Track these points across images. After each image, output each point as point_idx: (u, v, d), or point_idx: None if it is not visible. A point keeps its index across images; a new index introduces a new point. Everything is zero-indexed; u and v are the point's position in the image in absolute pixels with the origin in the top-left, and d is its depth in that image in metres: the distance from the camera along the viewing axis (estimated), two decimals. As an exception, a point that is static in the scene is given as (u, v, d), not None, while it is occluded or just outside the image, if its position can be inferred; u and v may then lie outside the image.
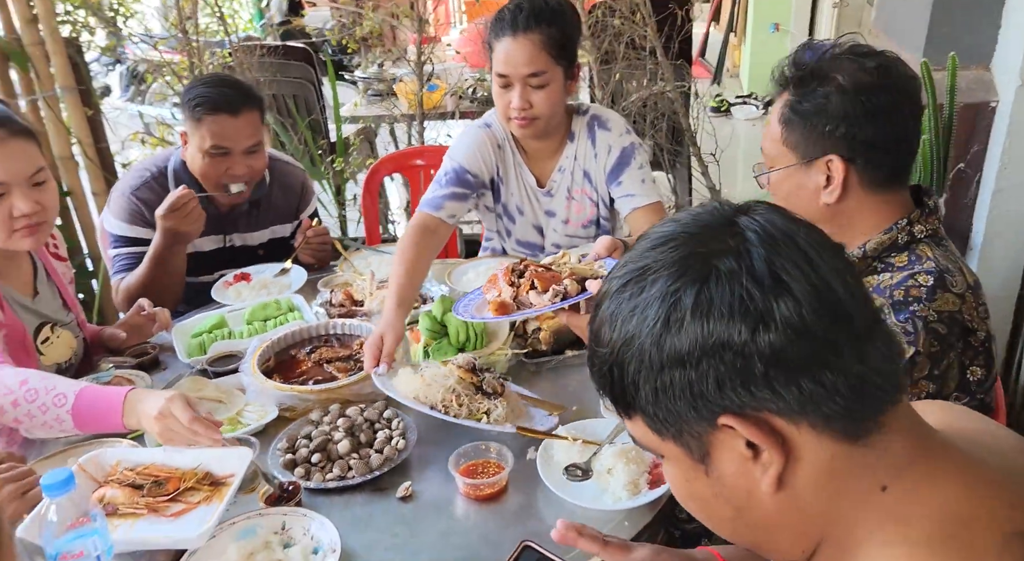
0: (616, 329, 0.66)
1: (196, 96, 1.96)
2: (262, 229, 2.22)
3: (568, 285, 1.36)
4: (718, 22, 7.79)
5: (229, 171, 2.01)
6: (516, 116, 1.84)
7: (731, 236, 0.64)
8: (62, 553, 1.03)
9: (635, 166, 1.94)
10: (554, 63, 1.80)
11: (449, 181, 1.94)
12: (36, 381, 1.36)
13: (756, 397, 0.61)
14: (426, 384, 1.46)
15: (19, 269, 1.66)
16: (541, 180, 2.04)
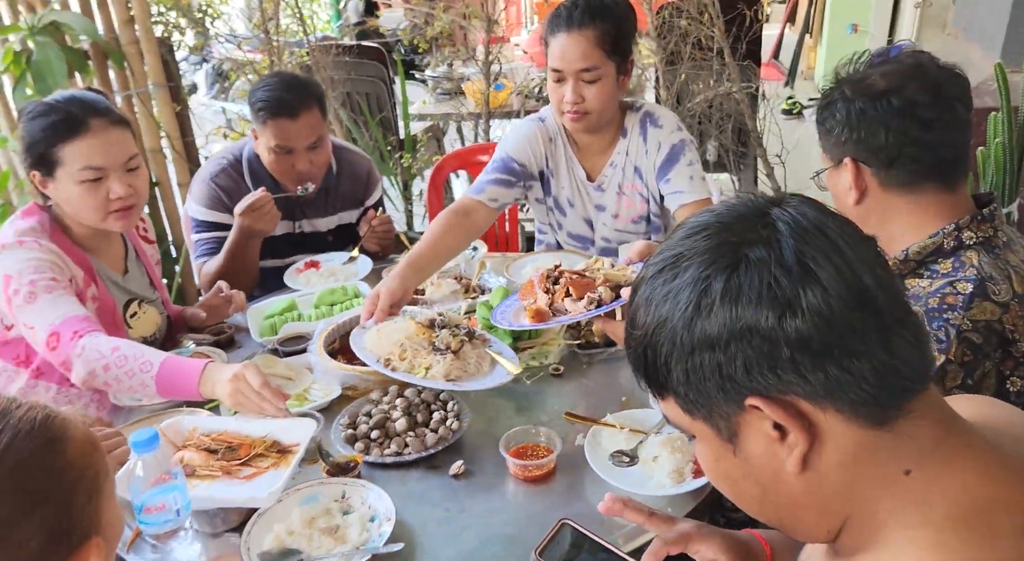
0: (650, 313, 0.70)
1: (258, 100, 2.08)
2: (330, 215, 2.33)
3: (603, 292, 1.41)
4: (793, 23, 7.62)
5: (294, 167, 2.12)
6: (569, 110, 1.89)
7: (763, 226, 0.67)
8: (147, 506, 1.14)
9: (684, 163, 1.96)
10: (607, 58, 1.85)
11: (495, 168, 2.04)
12: (126, 348, 1.48)
13: (783, 380, 0.64)
14: (380, 337, 1.55)
15: (112, 248, 1.81)
16: (592, 174, 2.09)
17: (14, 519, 0.70)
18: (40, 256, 1.58)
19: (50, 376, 1.70)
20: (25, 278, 1.54)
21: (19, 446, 0.72)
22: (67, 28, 3.00)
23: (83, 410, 1.40)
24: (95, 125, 1.61)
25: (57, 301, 1.53)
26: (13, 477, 0.71)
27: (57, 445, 0.75)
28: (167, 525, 1.15)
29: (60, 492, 0.74)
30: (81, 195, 1.62)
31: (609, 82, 1.88)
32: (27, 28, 2.92)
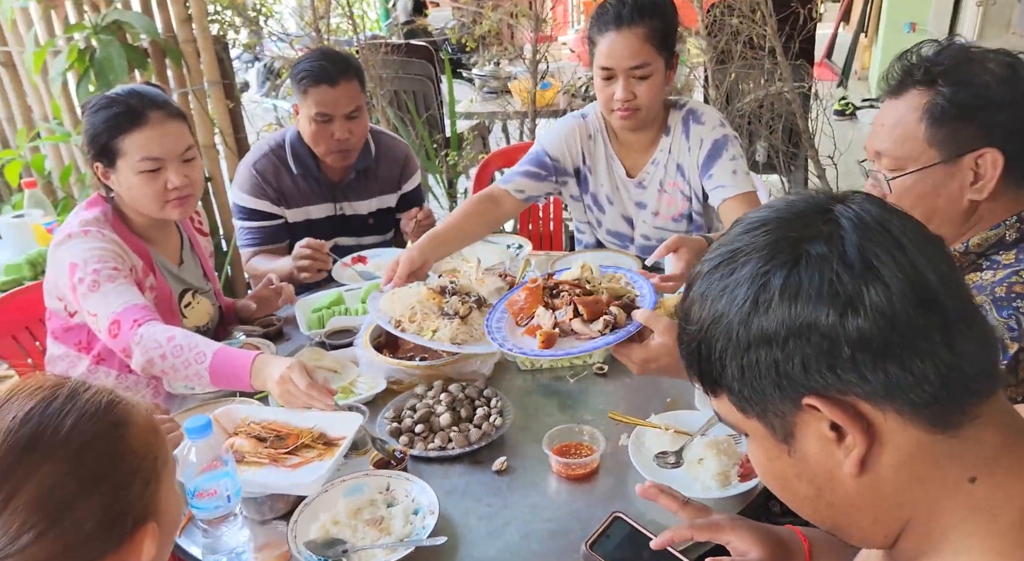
0: (706, 308, 0.69)
1: (300, 70, 2.16)
2: (369, 198, 2.38)
3: (616, 313, 1.37)
4: (848, 21, 7.45)
5: (333, 135, 2.18)
6: (619, 108, 1.89)
7: (824, 222, 0.66)
8: (199, 490, 1.16)
9: (726, 157, 1.94)
10: (657, 54, 1.85)
11: (527, 161, 2.07)
12: (181, 338, 1.52)
13: (842, 380, 0.63)
14: (395, 300, 1.65)
15: (169, 239, 1.86)
16: (632, 171, 2.08)
17: (74, 499, 0.72)
18: (103, 246, 1.64)
19: (110, 362, 1.76)
20: (89, 267, 1.59)
21: (83, 428, 0.74)
22: (128, 27, 3.10)
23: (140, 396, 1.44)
24: (154, 117, 1.66)
25: (118, 290, 1.58)
26: (76, 458, 0.73)
27: (120, 429, 0.77)
28: (218, 510, 1.18)
29: (119, 476, 0.76)
30: (140, 185, 1.67)
31: (659, 78, 1.89)
32: (91, 27, 3.02)
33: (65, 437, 0.73)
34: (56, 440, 0.72)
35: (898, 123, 1.21)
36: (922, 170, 1.21)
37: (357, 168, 2.32)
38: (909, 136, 1.21)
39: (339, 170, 2.31)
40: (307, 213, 2.30)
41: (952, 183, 1.19)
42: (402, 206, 2.43)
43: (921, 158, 1.21)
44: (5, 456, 0.71)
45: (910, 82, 1.20)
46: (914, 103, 1.19)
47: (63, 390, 0.77)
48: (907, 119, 1.20)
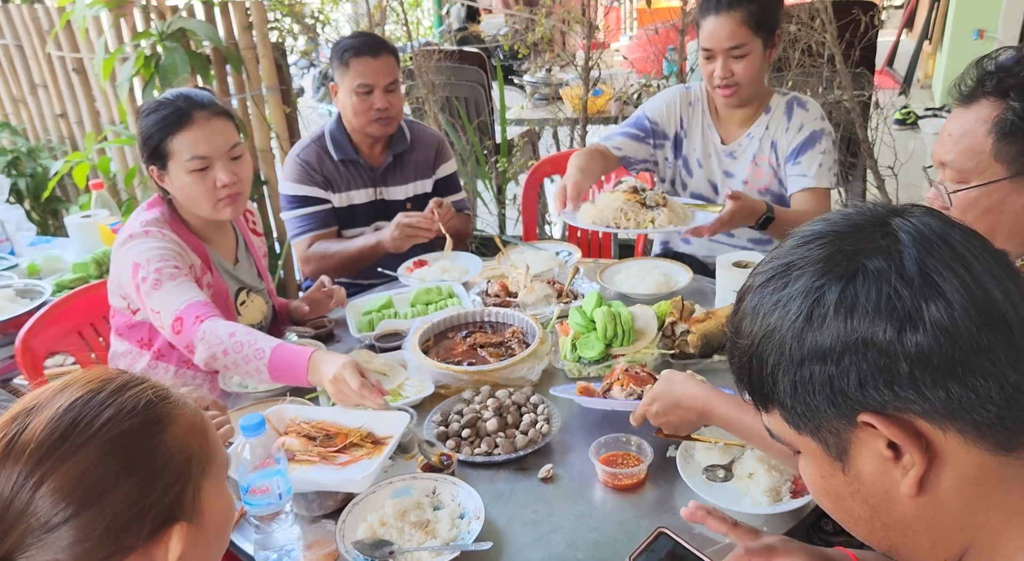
0: (757, 322, 0.68)
1: (343, 46, 2.29)
2: (406, 183, 2.47)
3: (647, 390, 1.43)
4: (911, 28, 7.25)
5: (373, 105, 2.26)
6: (720, 85, 2.04)
7: (883, 236, 0.64)
8: (252, 487, 1.19)
9: (818, 149, 2.07)
10: (753, 35, 1.99)
11: (629, 124, 2.27)
12: (242, 334, 1.56)
13: (900, 397, 0.61)
14: (599, 210, 1.88)
15: (225, 239, 1.91)
16: (726, 140, 2.21)
17: (102, 488, 0.74)
18: (164, 245, 1.69)
19: (169, 358, 1.81)
20: (152, 266, 1.65)
21: (118, 421, 0.77)
22: (192, 34, 3.20)
23: (199, 392, 1.48)
24: (198, 116, 1.71)
25: (180, 287, 1.63)
26: (108, 449, 0.75)
27: (156, 427, 0.79)
28: (270, 507, 1.20)
29: (149, 471, 0.77)
30: (191, 184, 1.72)
31: (756, 57, 2.02)
32: (157, 34, 3.13)
33: (99, 428, 0.76)
34: (91, 430, 0.75)
35: (965, 134, 1.17)
36: (986, 185, 1.17)
37: (394, 153, 2.41)
38: (975, 149, 1.17)
39: (377, 154, 2.41)
40: (350, 198, 2.38)
41: (1018, 200, 1.16)
42: (438, 191, 2.52)
43: (986, 172, 1.17)
44: (44, 441, 0.74)
45: (981, 92, 1.16)
46: (984, 115, 1.16)
47: (112, 384, 0.80)
48: (975, 131, 1.16)
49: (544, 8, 3.61)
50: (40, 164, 3.76)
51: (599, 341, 1.71)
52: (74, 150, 3.88)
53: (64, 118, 3.92)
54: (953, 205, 1.21)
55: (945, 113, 5.81)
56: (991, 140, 1.15)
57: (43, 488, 0.72)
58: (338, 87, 2.32)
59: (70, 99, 3.83)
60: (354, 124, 2.33)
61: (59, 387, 0.79)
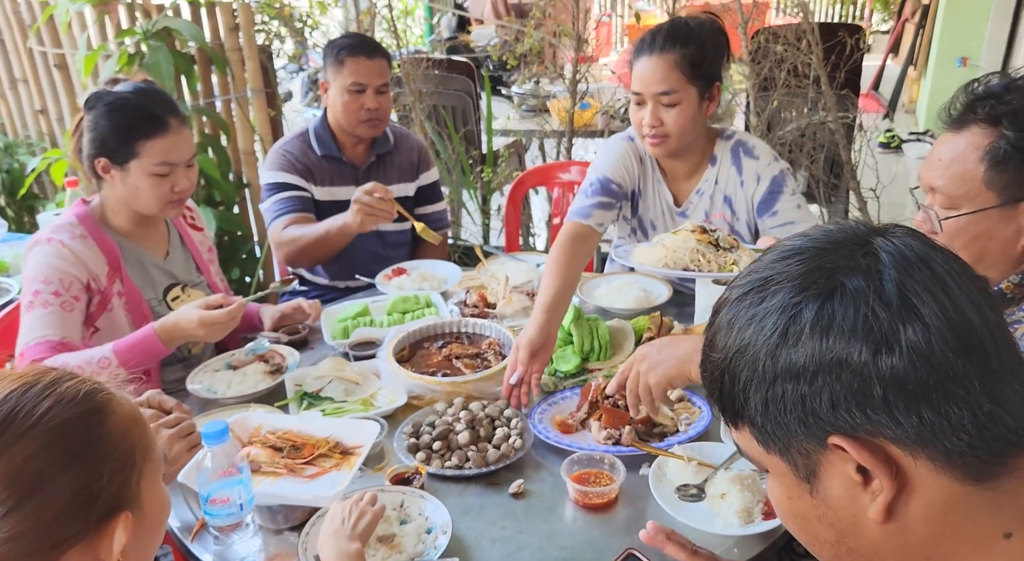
0: (732, 336, 0.66)
1: (339, 44, 2.29)
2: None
3: (626, 434, 1.43)
4: (897, 53, 7.34)
5: (364, 105, 2.26)
6: (648, 133, 1.87)
7: (863, 255, 0.63)
8: (212, 497, 1.16)
9: (788, 193, 1.91)
10: (686, 82, 1.81)
11: (595, 191, 1.96)
12: (74, 360, 1.55)
13: (872, 421, 0.60)
14: (671, 251, 1.73)
15: (156, 232, 1.89)
16: (678, 199, 2.05)
17: (45, 478, 0.73)
18: (57, 262, 1.66)
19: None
20: (33, 286, 1.64)
21: (59, 411, 0.76)
22: (177, 34, 3.17)
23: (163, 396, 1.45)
24: (173, 124, 1.72)
25: (45, 318, 1.61)
26: (49, 437, 0.74)
27: (98, 416, 0.79)
28: (230, 518, 1.17)
29: (93, 459, 0.76)
30: (150, 187, 1.72)
31: (689, 106, 1.83)
32: (142, 33, 3.09)
33: (39, 418, 0.75)
34: (30, 421, 0.74)
35: (956, 160, 1.15)
36: (977, 212, 1.16)
37: (377, 152, 2.41)
38: (966, 176, 1.15)
39: (360, 153, 2.40)
40: (332, 193, 2.36)
41: (1007, 228, 1.14)
42: (420, 198, 2.50)
43: (977, 199, 1.15)
44: None
45: (973, 118, 1.14)
46: (975, 141, 1.14)
47: (46, 377, 0.79)
48: (966, 157, 1.15)
49: (534, 20, 3.61)
50: (17, 160, 3.70)
51: (575, 355, 1.70)
52: (53, 147, 3.83)
53: (44, 114, 3.87)
54: (942, 230, 1.20)
55: (929, 138, 5.88)
56: (983, 167, 1.14)
57: None
58: (329, 84, 2.31)
59: (51, 95, 3.78)
60: (342, 122, 2.32)
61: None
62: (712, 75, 1.85)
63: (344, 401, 1.60)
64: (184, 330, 1.61)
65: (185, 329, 1.61)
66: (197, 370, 1.76)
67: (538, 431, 1.48)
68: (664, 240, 1.76)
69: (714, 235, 1.74)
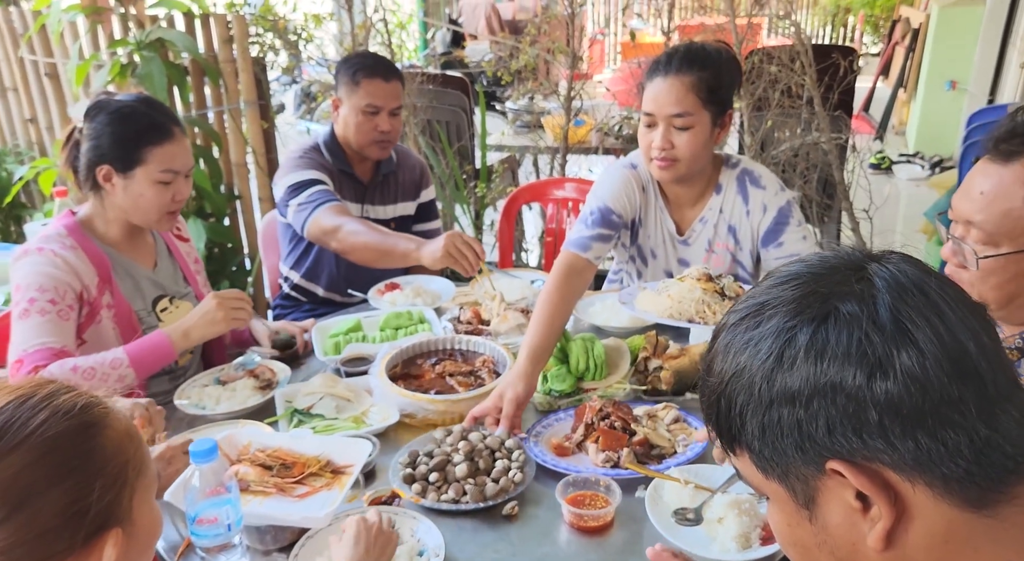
0: (728, 360, 0.67)
1: (356, 64, 2.27)
2: (391, 204, 2.45)
3: (624, 456, 1.41)
4: (887, 76, 7.43)
5: (377, 127, 2.25)
6: (657, 156, 1.82)
7: (857, 280, 0.63)
8: (200, 517, 1.13)
9: (794, 224, 1.88)
10: (701, 107, 1.77)
11: (595, 222, 1.90)
12: (86, 362, 1.56)
13: (868, 446, 0.60)
14: (676, 301, 1.66)
15: (143, 244, 1.87)
16: (681, 227, 2.00)
17: (36, 490, 0.73)
18: (49, 270, 1.63)
19: None
20: (27, 294, 1.61)
21: (53, 423, 0.76)
22: (171, 45, 3.15)
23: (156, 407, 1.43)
24: (177, 133, 1.74)
25: (43, 326, 1.58)
26: (42, 449, 0.74)
27: (91, 430, 0.78)
28: (218, 538, 1.14)
29: (85, 473, 0.76)
30: (153, 195, 1.72)
31: (702, 132, 1.79)
32: (135, 43, 3.07)
33: (33, 430, 0.74)
34: (24, 432, 0.74)
35: (1000, 195, 1.10)
36: (1020, 253, 1.11)
37: (383, 172, 2.40)
38: (1013, 213, 1.09)
39: (368, 170, 2.39)
40: None
41: None
42: (419, 215, 2.51)
43: (1020, 239, 1.10)
44: None
45: (1022, 151, 1.09)
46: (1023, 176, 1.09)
47: (43, 390, 0.79)
48: (1012, 194, 1.09)
49: (529, 37, 3.62)
50: (5, 168, 3.66)
51: (571, 374, 1.68)
52: (42, 156, 3.79)
53: (34, 123, 3.83)
54: (979, 269, 1.14)
55: (919, 160, 5.94)
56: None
57: None
58: (341, 102, 2.29)
59: (41, 104, 3.75)
60: (353, 142, 2.30)
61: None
62: (726, 102, 1.82)
63: (335, 418, 1.57)
64: (198, 323, 1.66)
65: (199, 322, 1.66)
66: (185, 385, 1.73)
67: (533, 454, 1.44)
68: (669, 288, 1.71)
69: (720, 283, 1.69)
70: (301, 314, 2.40)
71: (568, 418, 1.58)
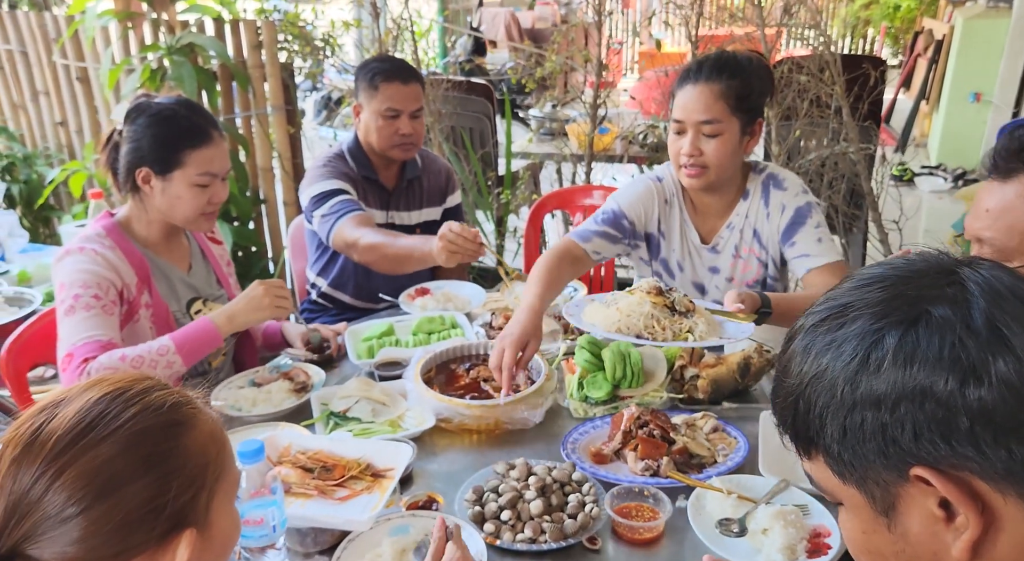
0: (808, 362, 0.65)
1: (374, 69, 2.25)
2: (417, 210, 2.44)
3: (664, 464, 1.39)
4: (908, 88, 7.38)
5: (398, 131, 2.24)
6: (686, 163, 1.82)
7: (949, 284, 0.62)
8: (245, 517, 1.12)
9: (810, 225, 1.86)
10: (730, 114, 1.78)
11: (604, 220, 1.97)
12: (133, 352, 1.57)
13: (957, 453, 0.58)
14: (625, 315, 1.56)
15: (179, 246, 1.87)
16: (706, 237, 2.00)
17: (119, 482, 0.74)
18: (92, 268, 1.64)
19: None
20: (71, 291, 1.62)
21: (144, 418, 0.78)
22: (201, 50, 3.19)
23: None
24: (215, 136, 1.75)
25: (89, 320, 1.59)
26: (128, 442, 0.76)
27: (177, 428, 0.80)
28: (263, 540, 1.13)
29: (166, 470, 0.77)
30: (190, 197, 1.73)
31: (731, 139, 1.80)
32: (165, 48, 3.10)
33: (123, 423, 0.76)
34: (114, 424, 0.76)
35: (1005, 210, 1.14)
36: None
37: (408, 177, 2.39)
38: (1017, 226, 1.13)
39: (392, 176, 2.38)
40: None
41: None
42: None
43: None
44: (67, 433, 0.75)
45: (1021, 167, 1.12)
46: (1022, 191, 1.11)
47: (140, 384, 0.81)
48: (1015, 207, 1.13)
49: (555, 45, 3.63)
50: (36, 171, 3.70)
51: (607, 381, 1.66)
52: (71, 159, 3.83)
53: (64, 126, 3.88)
54: None
55: (941, 172, 5.89)
56: None
57: (61, 479, 0.73)
58: (362, 108, 2.29)
59: (71, 108, 3.79)
60: (375, 146, 2.30)
61: (90, 384, 0.80)
62: (756, 110, 1.83)
63: (372, 422, 1.57)
64: (244, 308, 1.69)
65: (245, 307, 1.69)
66: (220, 386, 1.73)
67: (572, 460, 1.43)
68: (619, 301, 1.60)
69: (670, 297, 1.60)
70: (329, 318, 2.41)
71: (604, 426, 1.57)
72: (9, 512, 0.73)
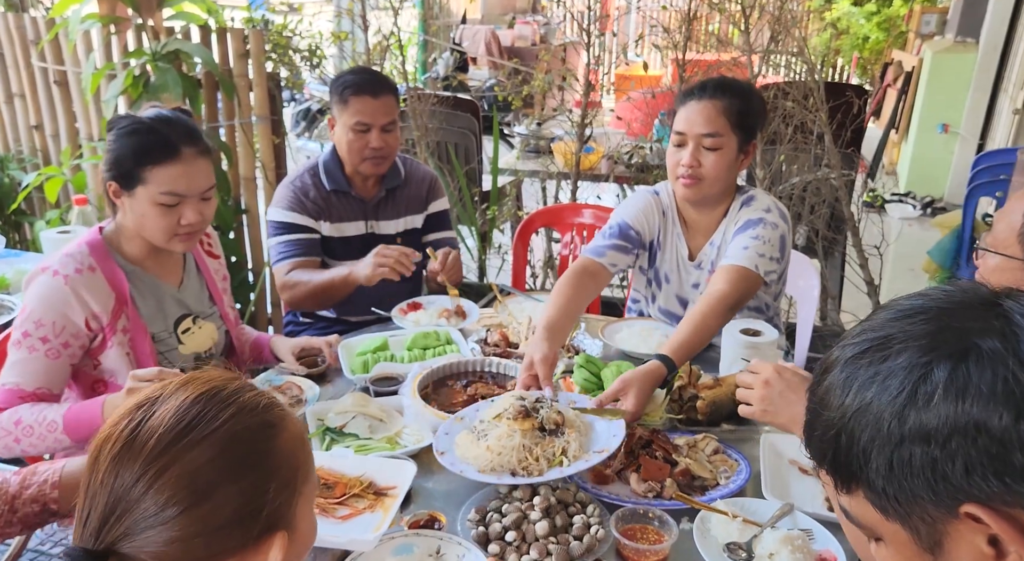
0: (850, 395, 0.64)
1: (344, 82, 2.23)
2: (398, 218, 2.42)
3: (668, 486, 1.38)
4: (879, 117, 7.58)
5: (369, 144, 2.22)
6: (684, 174, 1.89)
7: (995, 317, 0.61)
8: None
9: (749, 234, 1.89)
10: (731, 129, 1.87)
11: (613, 234, 2.03)
12: (28, 418, 1.53)
13: (1011, 490, 0.57)
14: (495, 454, 1.38)
15: (169, 259, 1.79)
16: (693, 253, 2.06)
17: (217, 484, 0.75)
18: (55, 302, 1.58)
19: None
20: (26, 324, 1.58)
21: (240, 419, 0.78)
22: (186, 57, 3.13)
23: None
24: (186, 153, 1.61)
25: (26, 365, 1.57)
26: (226, 443, 0.76)
27: (271, 430, 0.80)
28: None
29: (261, 472, 0.78)
30: (154, 217, 1.63)
31: (728, 154, 1.88)
32: (150, 54, 3.05)
33: (221, 424, 0.77)
34: (212, 426, 0.76)
35: (1011, 210, 1.33)
36: (1005, 257, 1.31)
37: (387, 187, 2.37)
38: (1011, 226, 1.32)
39: (370, 187, 2.36)
40: (341, 229, 2.32)
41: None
42: (428, 226, 2.47)
43: (1010, 249, 1.31)
44: (167, 432, 0.75)
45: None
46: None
47: (232, 384, 0.81)
48: (1016, 210, 1.33)
49: (543, 62, 3.65)
50: (7, 174, 3.60)
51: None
52: (46, 163, 3.73)
53: (39, 130, 3.78)
54: (979, 261, 1.37)
55: (911, 199, 6.04)
56: (1020, 223, 1.30)
57: (162, 479, 0.73)
58: (335, 121, 2.27)
59: (48, 111, 3.70)
60: (347, 160, 2.29)
61: (182, 381, 0.81)
62: (753, 130, 1.92)
63: (369, 438, 1.54)
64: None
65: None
66: (210, 401, 1.68)
67: (574, 480, 1.42)
68: (488, 438, 1.41)
69: (537, 416, 1.43)
70: (316, 331, 2.37)
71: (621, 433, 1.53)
72: (110, 509, 0.73)
